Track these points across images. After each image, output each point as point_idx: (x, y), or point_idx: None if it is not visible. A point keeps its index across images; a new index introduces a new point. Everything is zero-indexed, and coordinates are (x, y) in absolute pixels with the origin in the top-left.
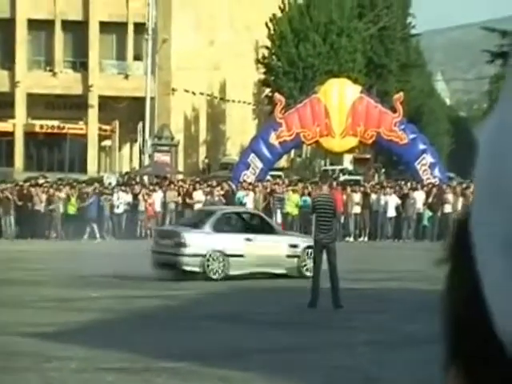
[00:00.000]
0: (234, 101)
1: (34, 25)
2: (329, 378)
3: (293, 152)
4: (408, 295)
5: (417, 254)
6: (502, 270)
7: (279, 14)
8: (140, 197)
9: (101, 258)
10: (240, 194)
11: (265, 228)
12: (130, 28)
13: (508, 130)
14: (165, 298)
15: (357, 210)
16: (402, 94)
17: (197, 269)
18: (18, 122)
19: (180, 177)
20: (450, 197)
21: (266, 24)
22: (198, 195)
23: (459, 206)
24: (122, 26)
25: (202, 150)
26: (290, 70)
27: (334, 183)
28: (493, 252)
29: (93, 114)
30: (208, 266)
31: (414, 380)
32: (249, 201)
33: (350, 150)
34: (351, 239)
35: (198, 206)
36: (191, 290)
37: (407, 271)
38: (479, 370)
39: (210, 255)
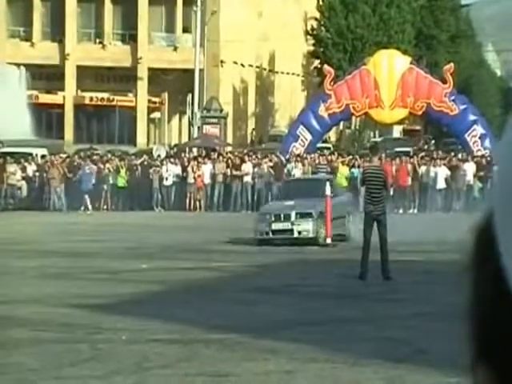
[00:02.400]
0: (282, 72)
1: None
2: (377, 350)
3: (342, 124)
4: (457, 267)
5: (466, 226)
6: None
7: None
8: (189, 169)
9: (151, 229)
10: (289, 165)
11: None
12: (179, 0)
13: None
14: (213, 269)
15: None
16: (452, 64)
17: None
18: (68, 95)
19: (229, 149)
20: None
21: None
22: (247, 167)
23: None
24: None
25: (251, 122)
26: (339, 41)
27: (383, 155)
28: None
29: (142, 86)
30: None
31: (463, 352)
32: (297, 173)
33: (400, 122)
34: (401, 211)
35: (246, 179)
36: (238, 263)
37: (456, 243)
38: (510, 366)
39: None
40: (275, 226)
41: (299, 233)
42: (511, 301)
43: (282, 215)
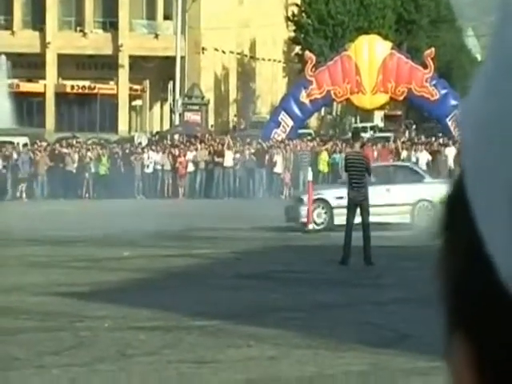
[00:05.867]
0: (263, 59)
1: None
2: (359, 335)
3: (323, 110)
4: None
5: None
6: (508, 218)
7: None
8: (170, 156)
9: (132, 217)
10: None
11: None
12: None
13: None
14: (196, 256)
15: None
16: (432, 49)
17: None
18: (49, 83)
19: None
20: None
21: None
22: (229, 154)
23: None
24: None
25: (233, 109)
26: (319, 27)
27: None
28: (496, 199)
29: (123, 73)
30: None
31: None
32: (279, 159)
33: (381, 107)
34: None
35: (228, 165)
36: (221, 249)
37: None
38: (487, 334)
39: None
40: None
41: None
42: (488, 266)
43: None
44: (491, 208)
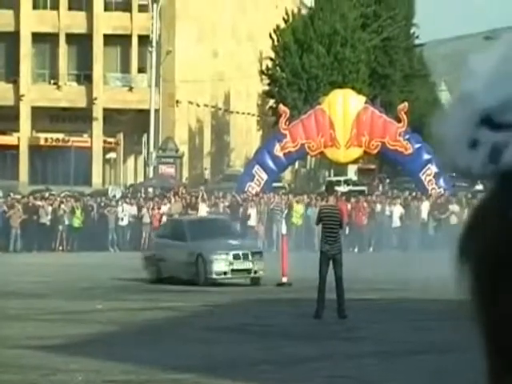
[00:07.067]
0: (238, 112)
1: (38, 38)
2: None
3: (297, 163)
4: (413, 305)
5: (422, 264)
6: None
7: (283, 25)
8: (145, 209)
9: (106, 270)
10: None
11: None
12: (134, 40)
13: None
14: (168, 309)
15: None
16: (406, 103)
17: None
18: (23, 135)
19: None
20: (455, 207)
21: (270, 35)
22: (203, 207)
23: (464, 216)
24: (126, 38)
25: (207, 162)
26: (294, 80)
27: (339, 194)
28: None
29: (97, 126)
30: None
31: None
32: (253, 212)
33: (355, 161)
34: (356, 250)
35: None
36: (193, 302)
37: (412, 281)
38: None
39: None
40: (235, 266)
41: (255, 272)
42: None
43: (240, 254)
44: None
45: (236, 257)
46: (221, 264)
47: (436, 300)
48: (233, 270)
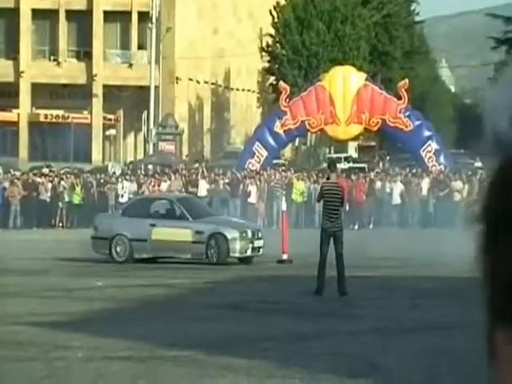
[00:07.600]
0: (238, 89)
1: (38, 14)
2: (332, 366)
3: (297, 140)
4: (412, 282)
5: (422, 242)
6: None
7: (283, 2)
8: (145, 186)
9: None
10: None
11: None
12: (134, 17)
13: None
14: (169, 286)
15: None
16: (406, 80)
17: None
18: (23, 112)
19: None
20: (456, 184)
21: (270, 12)
22: (203, 184)
23: (465, 192)
24: (126, 15)
25: (207, 139)
26: (294, 57)
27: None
28: None
29: (97, 103)
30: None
31: (417, 367)
32: (253, 189)
33: (355, 138)
34: (356, 227)
35: (202, 195)
36: (192, 279)
37: (412, 258)
38: None
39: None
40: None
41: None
42: None
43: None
44: None
45: (254, 234)
46: (242, 242)
47: (436, 277)
48: (253, 248)
